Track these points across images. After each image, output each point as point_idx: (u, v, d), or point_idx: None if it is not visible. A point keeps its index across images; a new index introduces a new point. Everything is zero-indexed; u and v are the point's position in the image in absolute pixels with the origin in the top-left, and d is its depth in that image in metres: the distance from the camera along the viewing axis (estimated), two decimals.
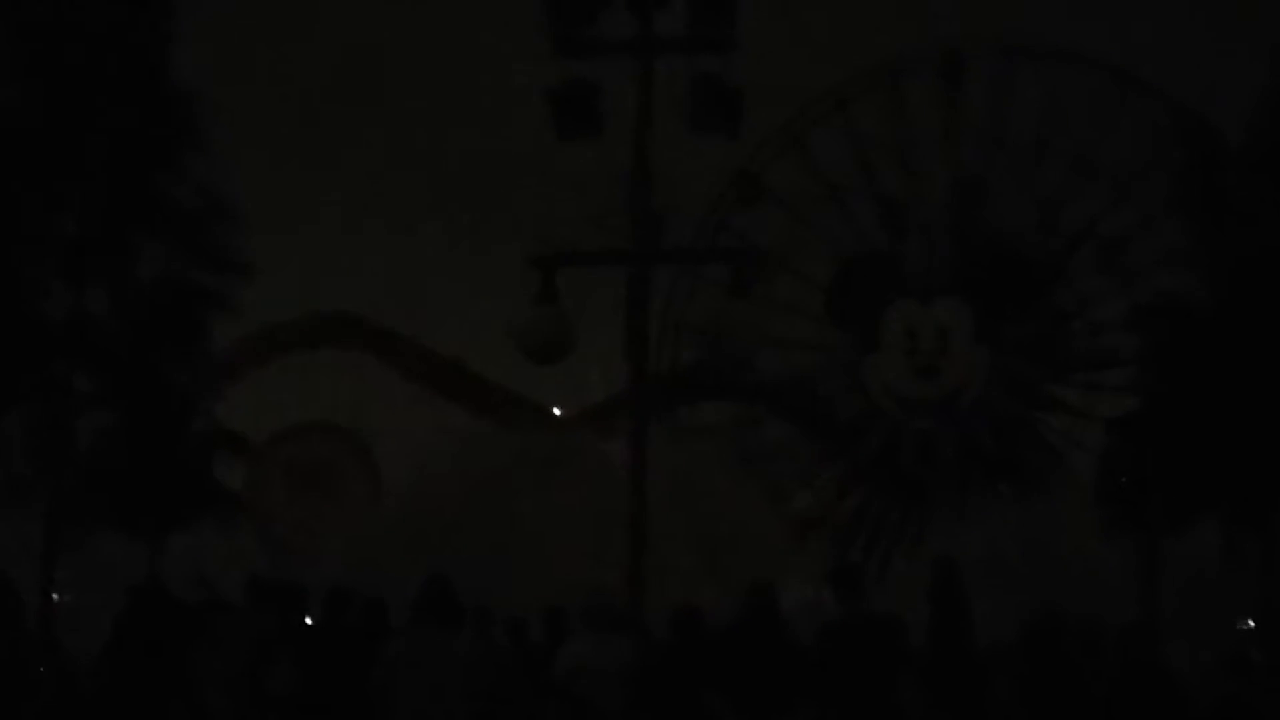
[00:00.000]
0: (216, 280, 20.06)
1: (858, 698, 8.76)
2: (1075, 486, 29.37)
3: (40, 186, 19.39)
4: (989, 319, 34.00)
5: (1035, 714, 8.91)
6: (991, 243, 34.76)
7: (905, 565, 26.88)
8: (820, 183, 36.22)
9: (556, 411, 38.86)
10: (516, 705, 9.04)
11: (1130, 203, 33.86)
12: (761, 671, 8.93)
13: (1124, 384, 29.32)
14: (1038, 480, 31.72)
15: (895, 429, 34.60)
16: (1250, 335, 20.27)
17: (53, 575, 19.11)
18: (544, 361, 12.74)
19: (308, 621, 11.55)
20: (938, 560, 10.53)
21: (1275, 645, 19.58)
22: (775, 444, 36.01)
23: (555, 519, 29.69)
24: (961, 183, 35.16)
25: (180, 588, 11.55)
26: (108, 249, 19.43)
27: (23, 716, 8.90)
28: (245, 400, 33.80)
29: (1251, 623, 24.72)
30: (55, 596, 19.41)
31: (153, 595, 11.12)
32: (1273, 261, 20.55)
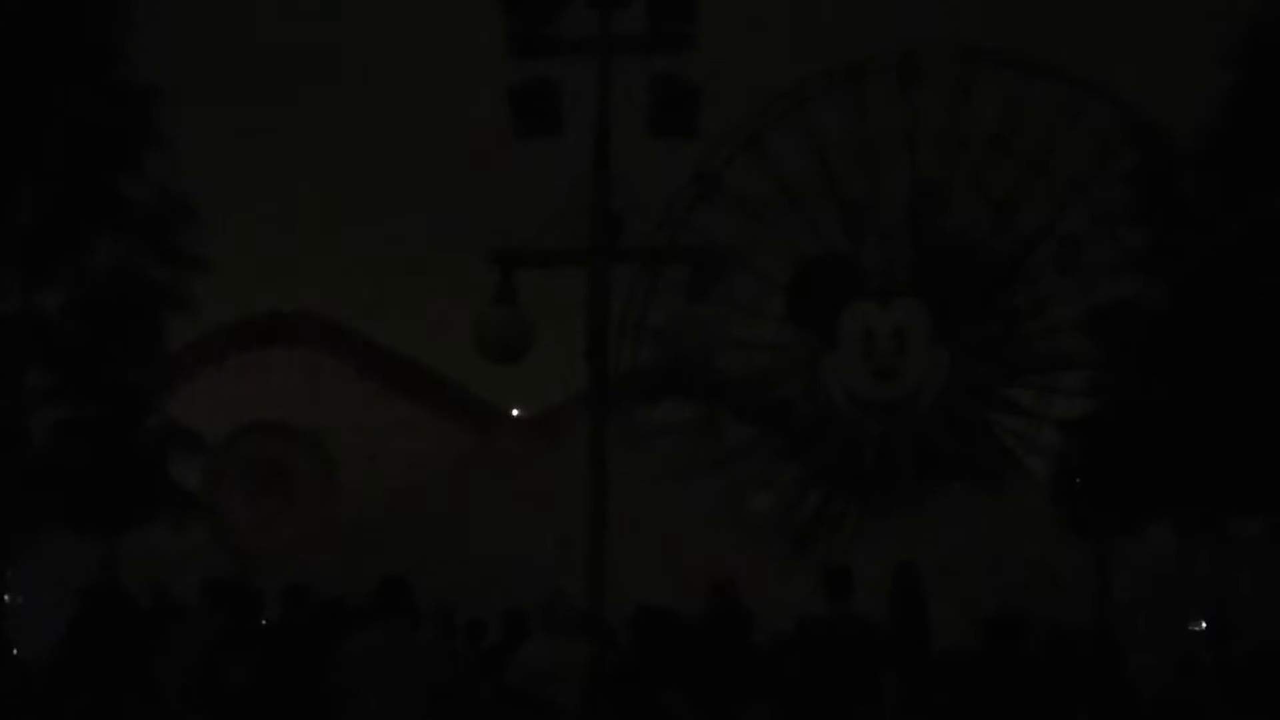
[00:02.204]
0: (172, 277, 19.88)
1: (837, 695, 8.80)
2: (1031, 487, 29.60)
3: None
4: (946, 320, 34.19)
5: (995, 714, 8.95)
6: (949, 244, 34.97)
7: (863, 566, 26.96)
8: (779, 183, 36.32)
9: (515, 412, 38.79)
10: (473, 706, 9.00)
11: (1086, 206, 34.14)
12: (723, 670, 8.94)
13: (1079, 386, 29.55)
14: (994, 481, 31.92)
15: (854, 430, 34.74)
16: (1205, 338, 20.44)
17: (4, 574, 18.88)
18: (502, 361, 12.69)
19: (263, 621, 11.48)
20: (900, 564, 10.59)
21: (1227, 646, 19.75)
22: (734, 445, 36.09)
23: (513, 520, 29.62)
24: (920, 184, 35.35)
25: (134, 588, 11.44)
26: (62, 244, 19.21)
27: None
28: (201, 398, 33.58)
29: (1204, 624, 24.95)
30: (6, 597, 19.15)
31: (106, 596, 11.01)
32: (1226, 265, 20.73)
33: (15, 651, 11.95)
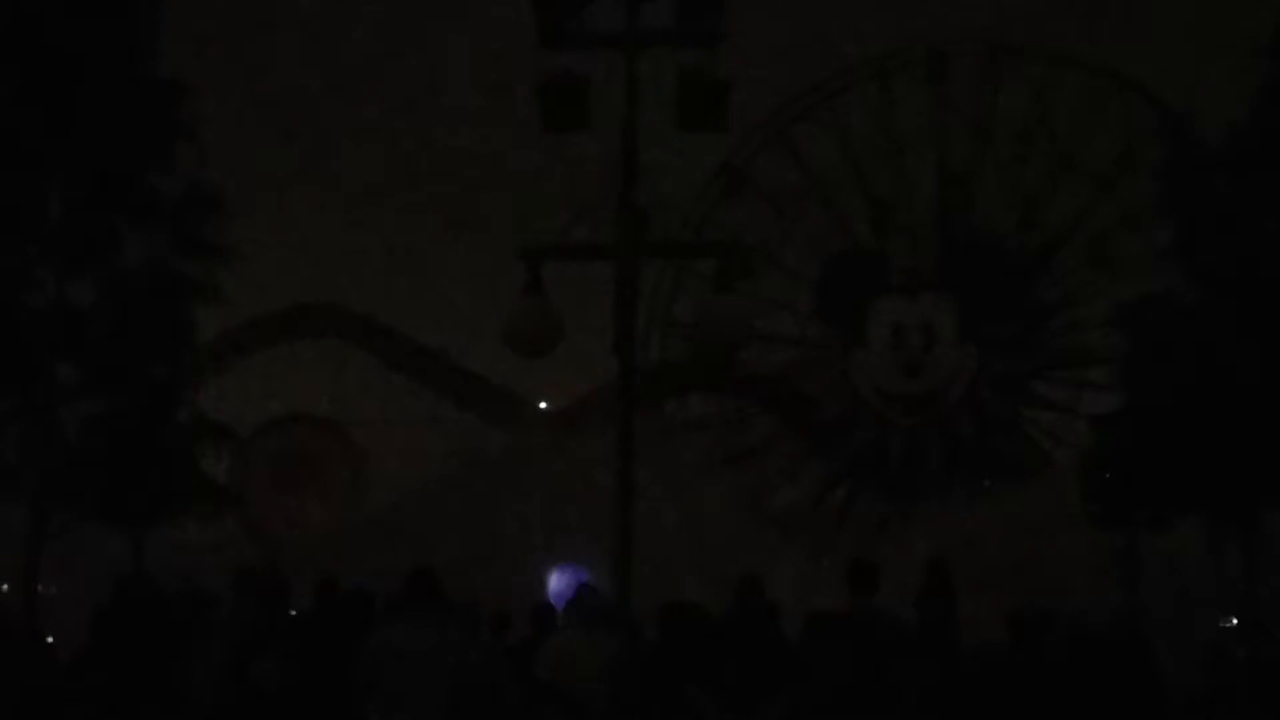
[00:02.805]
0: (202, 270, 19.99)
1: (856, 687, 8.80)
2: (1059, 482, 29.48)
3: (24, 175, 19.28)
4: (974, 315, 34.10)
5: (1022, 710, 8.94)
6: (976, 239, 34.88)
7: (890, 561, 26.92)
8: (806, 178, 36.28)
9: (542, 405, 38.85)
10: (500, 700, 9.04)
11: (1115, 200, 33.99)
12: (750, 665, 8.96)
13: (1108, 380, 29.42)
14: (1022, 476, 31.82)
15: (881, 425, 34.68)
16: (1234, 333, 20.34)
17: (37, 565, 19.04)
18: (531, 355, 12.72)
19: (293, 613, 11.54)
20: (930, 561, 10.57)
21: (1256, 642, 19.66)
22: (761, 439, 36.09)
23: (539, 513, 29.69)
24: (947, 179, 35.26)
25: (164, 579, 11.52)
26: (93, 238, 19.34)
27: (4, 705, 8.88)
28: (230, 391, 33.77)
29: (1234, 620, 24.83)
30: (39, 587, 19.32)
31: (138, 587, 11.09)
32: (1256, 259, 20.63)
33: (50, 640, 12.07)
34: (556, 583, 26.60)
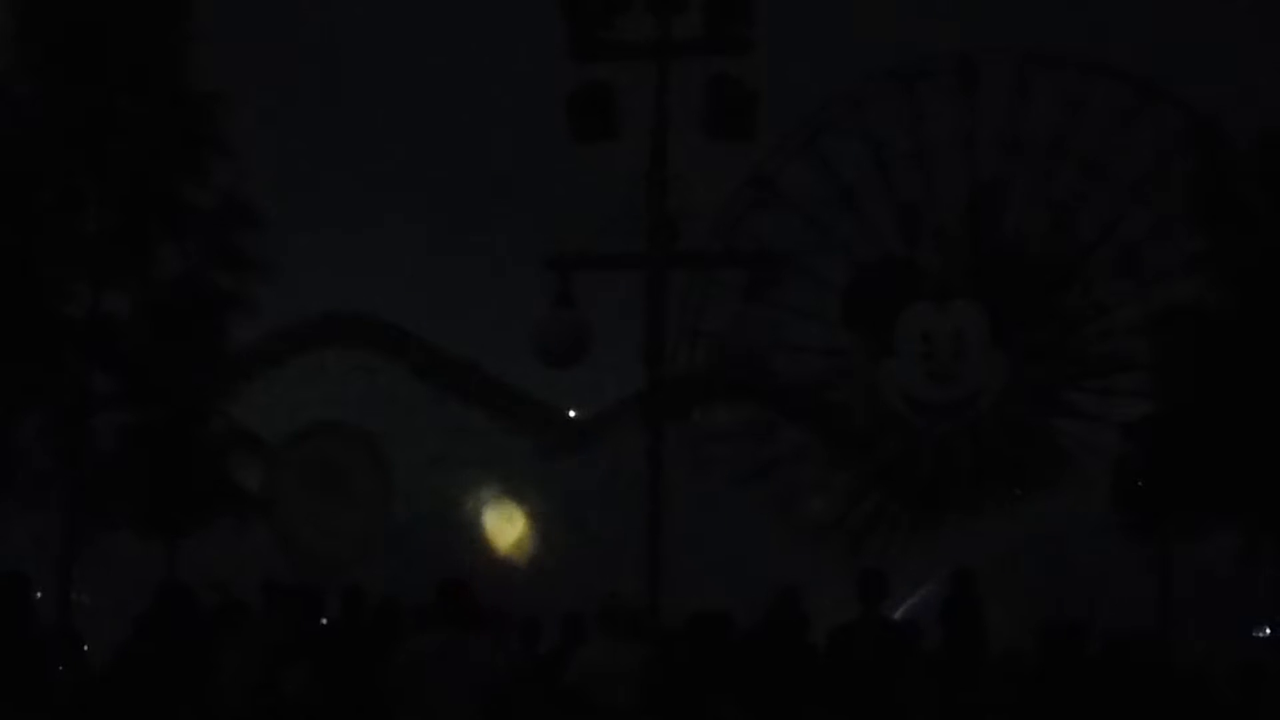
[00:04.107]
0: (235, 281, 20.11)
1: (869, 700, 8.77)
2: (1090, 491, 29.33)
3: (60, 185, 19.46)
4: (1004, 324, 33.96)
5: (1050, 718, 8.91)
6: (1007, 247, 34.75)
7: (919, 571, 26.86)
8: (836, 186, 36.22)
9: (571, 414, 38.89)
10: (529, 709, 9.06)
11: (1146, 208, 33.82)
12: (782, 676, 8.95)
13: (1139, 389, 29.26)
14: (1053, 485, 31.65)
15: (910, 434, 34.57)
16: (1266, 341, 20.22)
17: (71, 574, 19.18)
18: (561, 364, 12.77)
19: (323, 623, 11.60)
20: (956, 572, 10.53)
21: None
22: (790, 449, 36.02)
23: (569, 522, 29.73)
24: (977, 187, 35.15)
25: (197, 588, 11.60)
26: (127, 250, 19.50)
27: (40, 712, 8.95)
28: (260, 401, 33.94)
29: (1268, 630, 24.64)
30: (74, 596, 19.46)
31: (175, 596, 11.17)
32: None
33: (85, 648, 12.16)
34: None
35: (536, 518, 30.74)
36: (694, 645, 9.40)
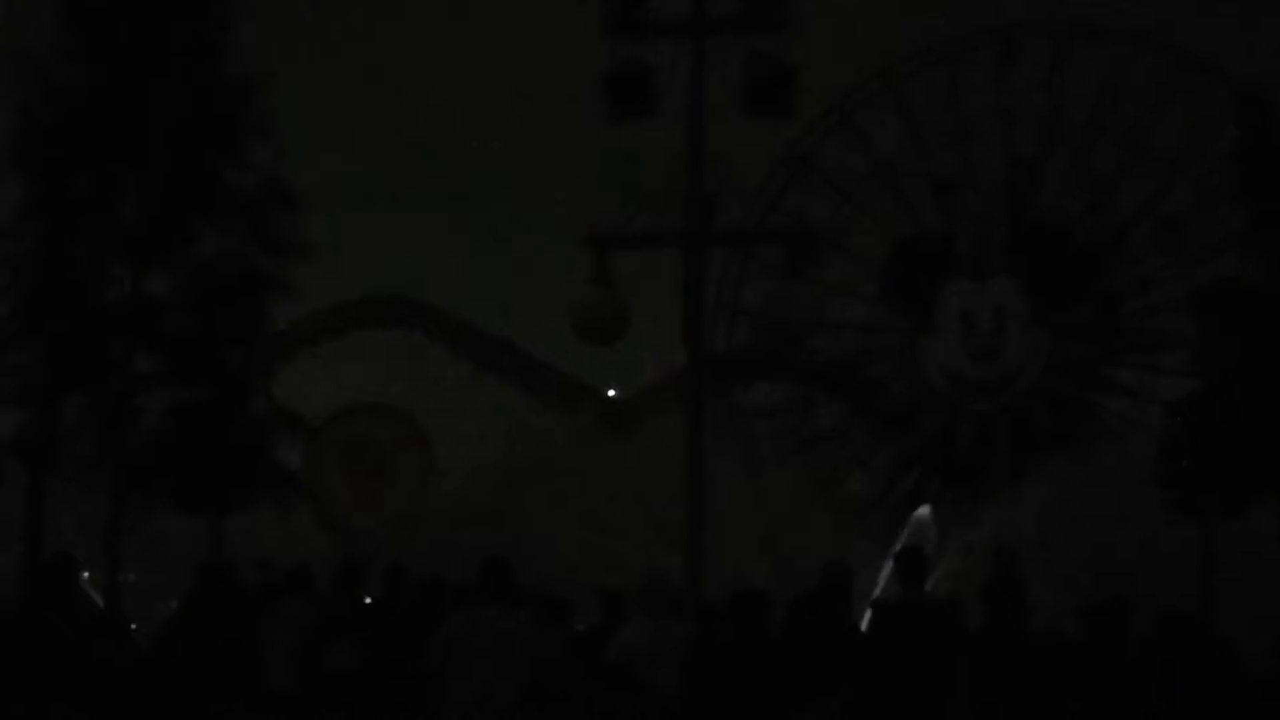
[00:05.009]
0: (275, 263, 20.23)
1: (913, 680, 8.74)
2: (1133, 469, 29.13)
3: (99, 169, 19.62)
4: (1045, 301, 33.74)
5: (1094, 698, 8.86)
6: (1046, 224, 34.49)
7: (960, 549, 26.76)
8: (873, 163, 36.04)
9: (610, 393, 38.92)
10: (571, 687, 9.09)
11: (1188, 184, 33.48)
12: (825, 653, 8.93)
13: (1183, 366, 29.04)
14: (1095, 463, 31.46)
15: (950, 411, 34.44)
16: None
17: (117, 553, 19.40)
18: (599, 342, 12.78)
19: (366, 601, 11.68)
20: (997, 550, 10.47)
21: None
22: (829, 426, 35.95)
23: (609, 501, 29.77)
24: (1015, 163, 34.89)
25: (241, 567, 11.71)
26: (168, 233, 19.65)
27: (85, 689, 9.06)
28: (301, 381, 34.14)
29: None
30: (120, 575, 19.69)
31: (219, 574, 11.27)
32: None
33: (133, 626, 12.29)
34: None
35: (576, 496, 30.79)
36: (736, 624, 9.40)
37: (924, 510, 31.14)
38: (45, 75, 19.61)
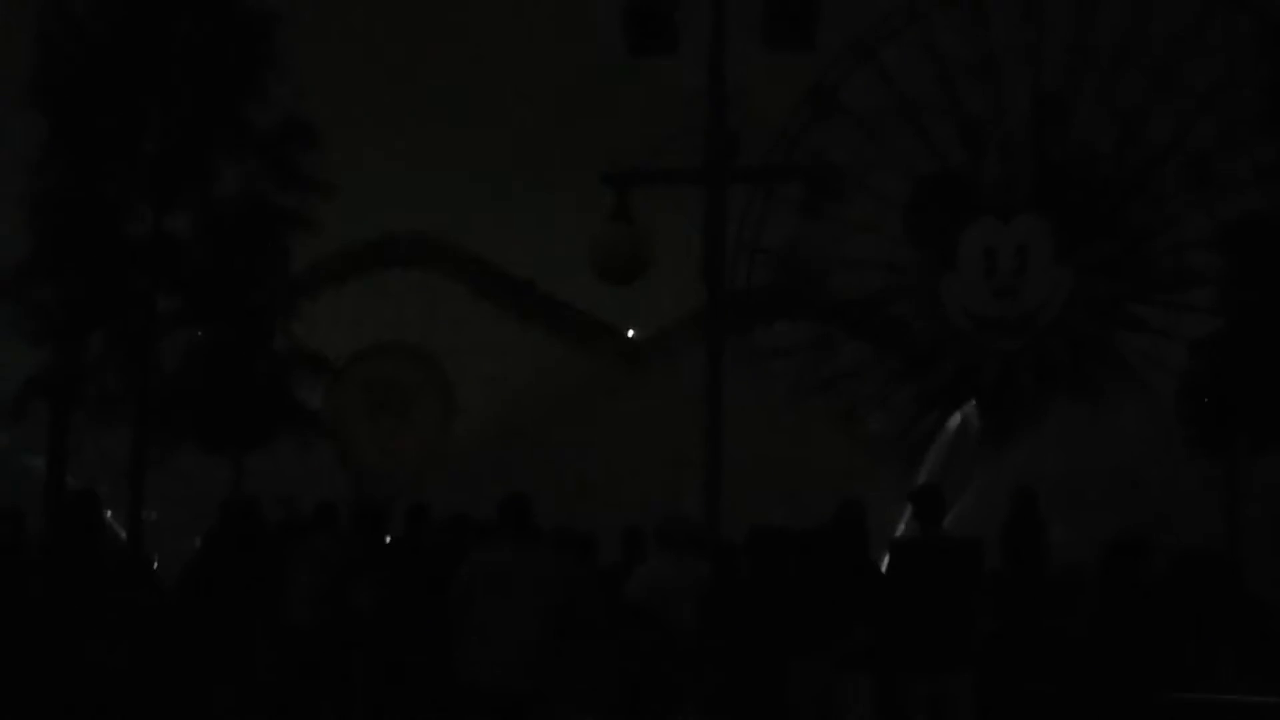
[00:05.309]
0: (296, 200, 20.18)
1: (932, 616, 8.74)
2: (1155, 408, 29.02)
3: (120, 107, 19.55)
4: (1069, 237, 33.46)
5: (1116, 636, 8.85)
6: (1072, 159, 34.15)
7: (982, 487, 26.76)
8: (896, 98, 35.69)
9: (630, 332, 38.89)
10: (592, 623, 9.12)
11: (1216, 118, 33.06)
12: (840, 587, 8.93)
13: (1208, 304, 28.81)
14: (1118, 400, 31.32)
15: (972, 349, 34.29)
16: None
17: (141, 491, 19.51)
18: (619, 280, 12.71)
19: (387, 539, 11.73)
20: (1017, 490, 10.44)
21: None
22: (850, 365, 35.86)
23: (629, 439, 29.81)
24: (1042, 98, 34.50)
25: (264, 504, 11.76)
26: (189, 170, 19.60)
27: (111, 625, 9.13)
28: (322, 320, 34.18)
29: None
30: (143, 513, 19.81)
31: (242, 511, 11.32)
32: None
33: (155, 564, 12.39)
34: None
35: (596, 435, 30.84)
36: (754, 560, 9.40)
37: (969, 408, 31.05)
38: (66, 12, 19.51)
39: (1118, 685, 8.70)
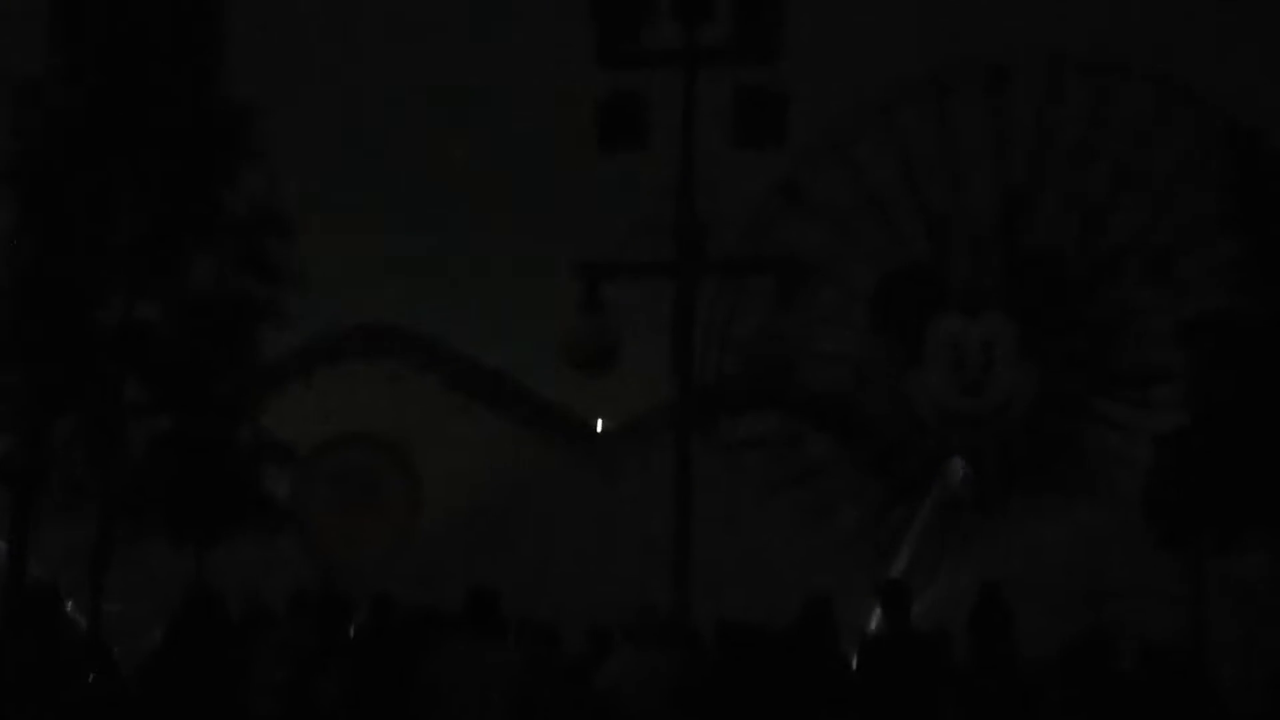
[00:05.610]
0: (267, 290, 20.17)
1: (898, 713, 8.70)
2: (1121, 502, 29.14)
3: (93, 194, 19.57)
4: (1034, 332, 33.78)
5: None
6: (1036, 255, 34.58)
7: (949, 580, 26.73)
8: (864, 193, 36.13)
9: (599, 423, 38.88)
10: (559, 717, 9.04)
11: (1178, 214, 33.60)
12: (809, 683, 8.88)
13: (1172, 399, 29.07)
14: (1083, 496, 31.44)
15: (939, 444, 34.41)
16: None
17: (102, 582, 19.25)
18: (589, 371, 12.73)
19: (352, 631, 11.58)
20: (982, 584, 10.44)
21: None
22: (818, 458, 35.90)
23: (598, 531, 29.70)
24: (1006, 194, 35.00)
25: (228, 597, 11.60)
26: (160, 259, 19.59)
27: (70, 716, 8.98)
28: (289, 410, 34.04)
29: None
30: (105, 604, 19.53)
31: (205, 604, 11.17)
32: None
33: (114, 654, 12.19)
34: None
35: (565, 528, 30.71)
36: (723, 654, 9.35)
37: (957, 460, 31.06)
38: (41, 95, 19.58)
39: None
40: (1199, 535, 22.63)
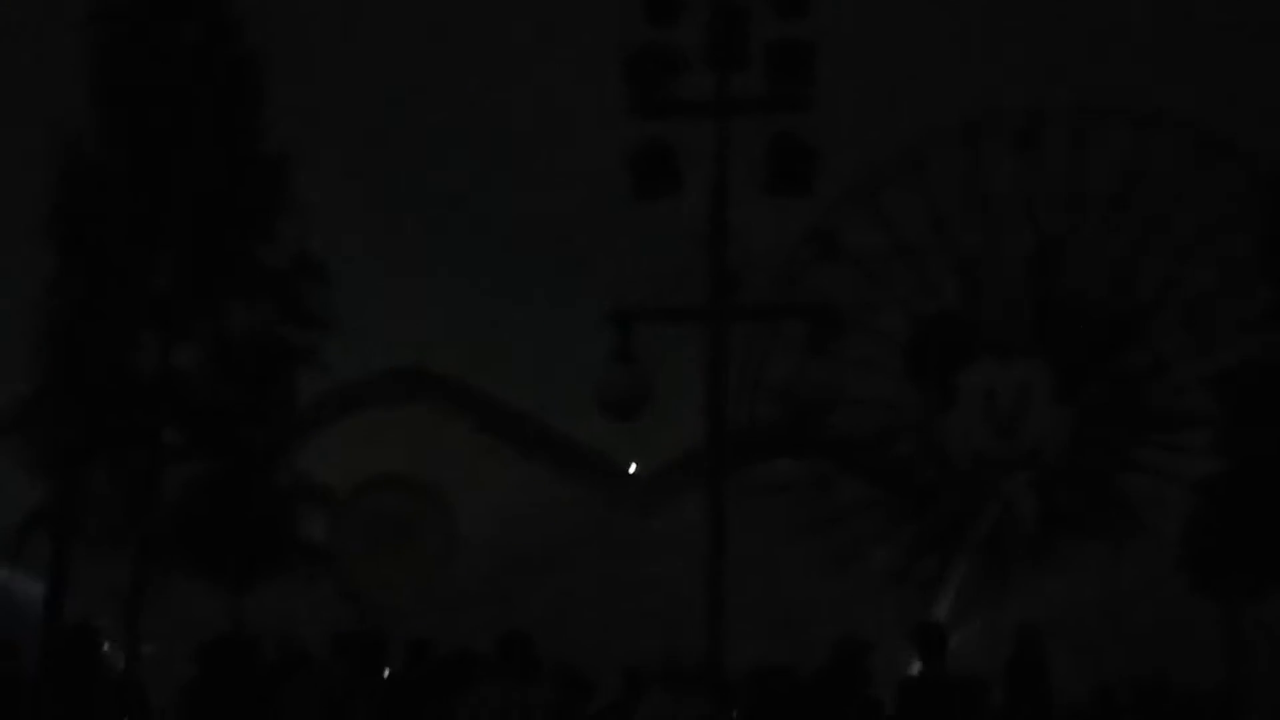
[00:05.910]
0: (302, 336, 20.38)
1: None
2: (1159, 548, 28.95)
3: (131, 244, 19.85)
4: (1068, 379, 33.70)
5: None
6: (1069, 303, 34.55)
7: (985, 626, 26.57)
8: (896, 241, 36.22)
9: (632, 468, 38.92)
10: None
11: (1212, 262, 33.53)
12: None
13: (1209, 445, 28.93)
14: (1120, 542, 31.25)
15: (973, 490, 34.30)
16: None
17: (138, 624, 19.39)
18: (622, 418, 12.80)
19: (386, 674, 11.65)
20: (1021, 627, 10.44)
21: None
22: (851, 503, 35.84)
23: (630, 576, 29.71)
24: (1039, 242, 35.02)
25: (264, 640, 11.70)
26: (198, 307, 19.85)
27: None
28: (326, 453, 34.24)
29: None
30: (142, 646, 19.66)
31: (237, 646, 11.26)
32: None
33: (148, 695, 12.27)
34: None
35: (599, 571, 30.73)
36: (756, 700, 9.37)
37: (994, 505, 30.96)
38: (82, 150, 19.90)
39: None
40: (1234, 582, 22.49)
